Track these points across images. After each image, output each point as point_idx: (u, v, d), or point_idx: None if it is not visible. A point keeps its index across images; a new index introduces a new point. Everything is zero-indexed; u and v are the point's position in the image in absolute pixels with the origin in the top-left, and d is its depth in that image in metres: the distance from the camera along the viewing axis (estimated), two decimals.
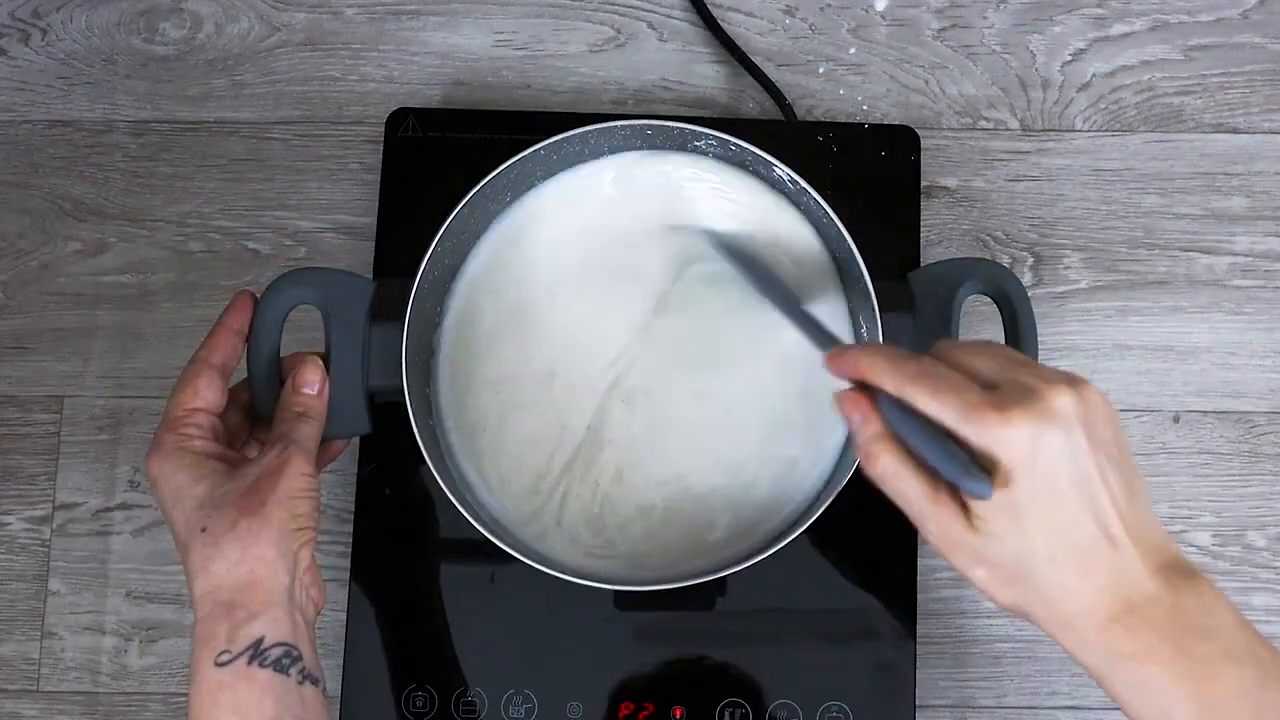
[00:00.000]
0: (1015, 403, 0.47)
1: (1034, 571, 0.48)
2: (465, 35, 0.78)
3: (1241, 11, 0.78)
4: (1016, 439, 0.46)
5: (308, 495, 0.57)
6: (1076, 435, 0.47)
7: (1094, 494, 0.47)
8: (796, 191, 0.65)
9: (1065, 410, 0.47)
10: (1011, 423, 0.46)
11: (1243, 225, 0.75)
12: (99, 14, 0.79)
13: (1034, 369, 0.49)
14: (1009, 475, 0.47)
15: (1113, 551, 0.47)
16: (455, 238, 0.65)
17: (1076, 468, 0.47)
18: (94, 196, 0.76)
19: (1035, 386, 0.47)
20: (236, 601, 0.53)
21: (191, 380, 0.59)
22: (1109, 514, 0.47)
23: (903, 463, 0.49)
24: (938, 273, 0.65)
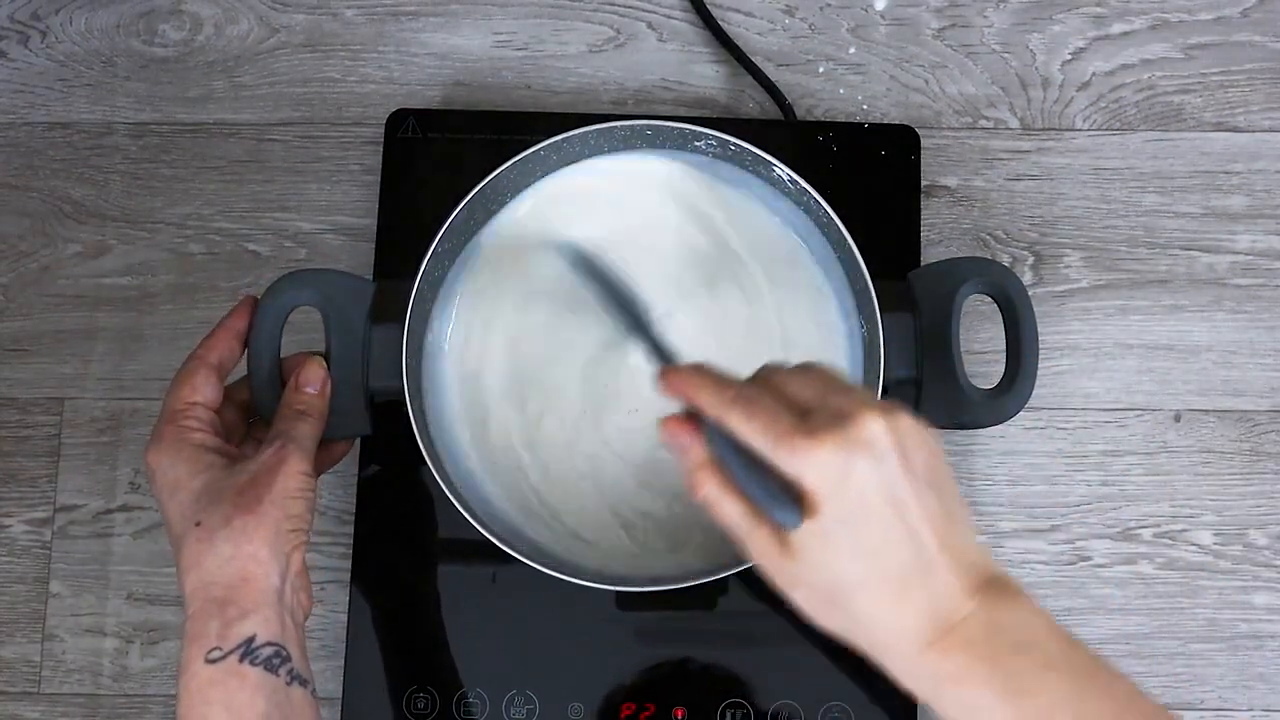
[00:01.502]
0: (825, 429, 0.47)
1: (850, 596, 0.48)
2: (465, 36, 0.78)
3: (1241, 10, 0.78)
4: (825, 465, 0.46)
5: (303, 495, 0.57)
6: (888, 460, 0.47)
7: (907, 518, 0.47)
8: (798, 192, 0.65)
9: (875, 435, 0.47)
10: (820, 449, 0.46)
11: (1243, 224, 0.75)
12: (98, 16, 0.79)
13: (850, 395, 0.49)
14: (817, 502, 0.47)
15: (927, 575, 0.47)
16: (455, 238, 0.65)
17: (887, 492, 0.47)
18: (94, 198, 0.76)
19: (847, 412, 0.47)
20: (229, 599, 0.53)
21: (189, 376, 0.59)
22: (923, 537, 0.47)
23: (724, 489, 0.49)
24: (938, 272, 0.65)
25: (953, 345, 0.63)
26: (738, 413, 0.48)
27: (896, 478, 0.47)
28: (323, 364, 0.62)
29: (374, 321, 0.63)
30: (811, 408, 0.48)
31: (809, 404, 0.49)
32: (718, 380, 0.50)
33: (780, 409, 0.48)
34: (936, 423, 0.65)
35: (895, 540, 0.47)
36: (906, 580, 0.47)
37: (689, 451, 0.50)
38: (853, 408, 0.47)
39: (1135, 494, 0.72)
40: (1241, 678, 0.70)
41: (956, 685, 0.47)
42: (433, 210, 0.64)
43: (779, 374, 0.51)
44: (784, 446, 0.47)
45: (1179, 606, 0.71)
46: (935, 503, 0.48)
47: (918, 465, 0.48)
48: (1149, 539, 0.72)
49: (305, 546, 0.57)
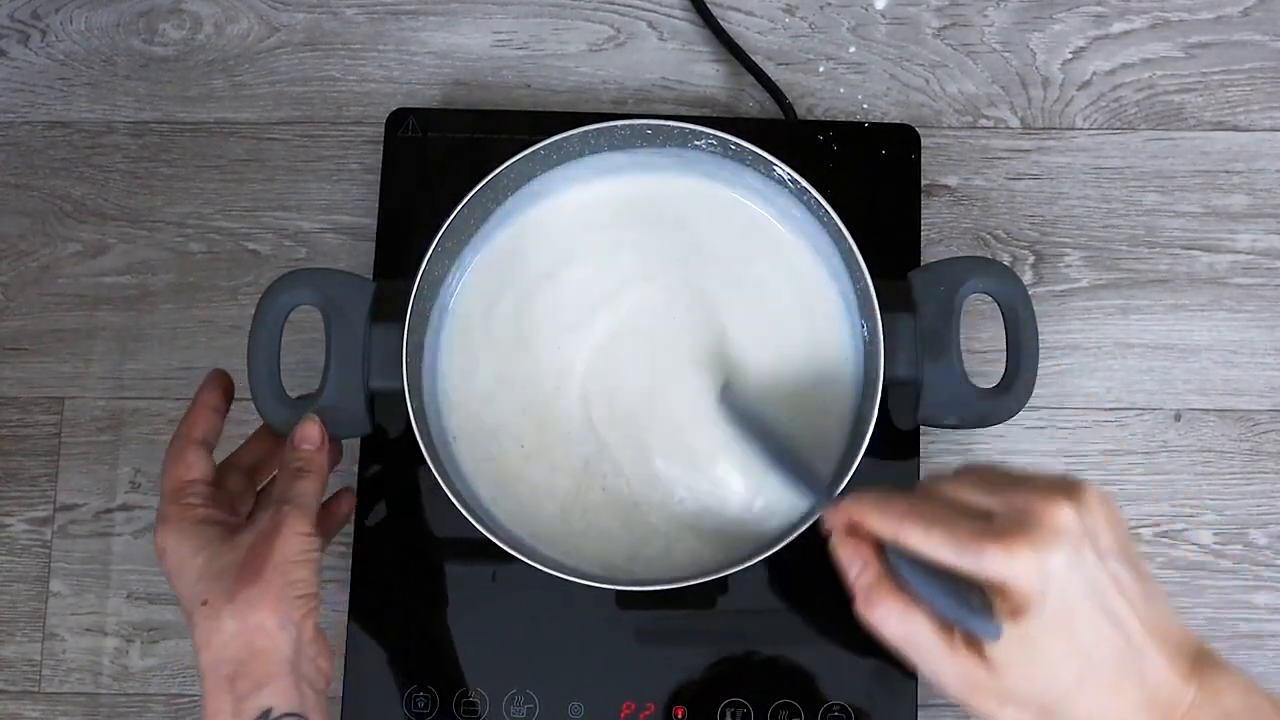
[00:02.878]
0: (1014, 531, 0.45)
1: (1066, 700, 0.46)
2: (465, 35, 0.78)
3: (1242, 9, 0.78)
4: (1022, 569, 0.44)
5: (305, 559, 0.56)
6: (1084, 550, 0.45)
7: (1111, 606, 0.45)
8: (798, 191, 0.65)
9: (1068, 527, 0.45)
10: (1015, 553, 0.44)
11: (1244, 223, 0.75)
12: (98, 15, 0.79)
13: (1026, 487, 0.47)
14: (1021, 608, 0.45)
15: (1140, 661, 0.46)
16: (456, 237, 0.65)
17: (1089, 584, 0.45)
18: (94, 198, 0.76)
19: (1032, 509, 0.45)
20: (239, 673, 0.53)
21: (180, 455, 0.59)
22: (1129, 622, 0.46)
23: (908, 608, 0.47)
24: (939, 271, 0.65)
25: (953, 345, 0.63)
26: (915, 526, 0.46)
27: (1093, 566, 0.45)
28: (319, 421, 0.61)
29: (374, 321, 0.63)
30: (990, 509, 0.46)
31: (986, 506, 0.47)
32: (884, 499, 0.48)
33: (959, 516, 0.46)
34: (937, 422, 0.65)
35: (1103, 632, 0.45)
36: (1121, 670, 0.45)
37: (866, 569, 0.48)
38: (1034, 503, 0.45)
39: (1135, 493, 0.72)
40: None
41: None
42: (433, 209, 0.64)
43: (945, 482, 0.49)
44: (973, 553, 0.45)
45: (1180, 606, 0.71)
46: (1132, 581, 0.46)
47: (1109, 545, 0.46)
48: (1149, 538, 0.72)
49: (316, 612, 0.56)
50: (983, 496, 0.48)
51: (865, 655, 0.68)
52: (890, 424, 0.68)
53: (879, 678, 0.68)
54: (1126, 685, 0.46)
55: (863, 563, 0.48)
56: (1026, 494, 0.46)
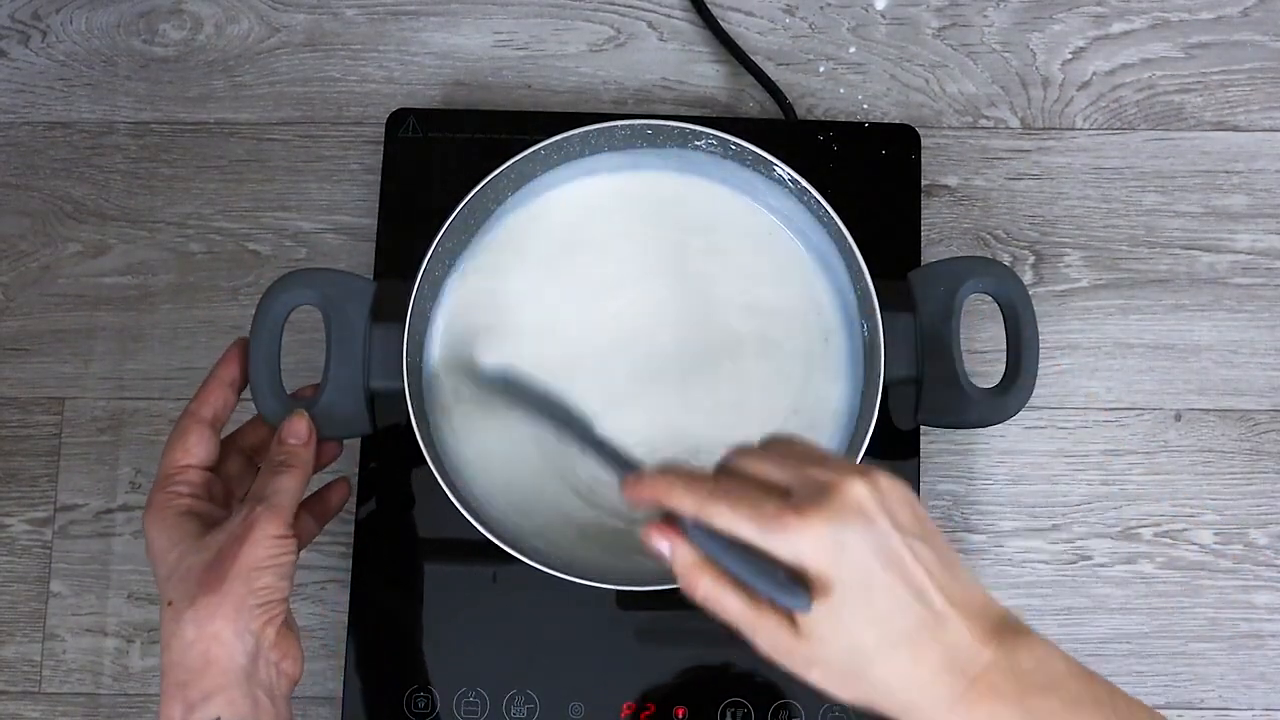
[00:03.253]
0: (810, 504, 0.46)
1: (869, 666, 0.47)
2: (465, 35, 0.78)
3: (1242, 9, 0.78)
4: (819, 540, 0.46)
5: (273, 563, 0.55)
6: (878, 522, 0.47)
7: (909, 576, 0.47)
8: (798, 191, 0.65)
9: (861, 500, 0.47)
10: (810, 525, 0.46)
11: (1244, 223, 0.75)
12: (99, 16, 0.79)
13: (825, 465, 0.49)
14: (822, 580, 0.46)
15: (939, 629, 0.47)
16: (456, 237, 0.65)
17: (884, 553, 0.47)
18: (94, 198, 0.76)
19: (829, 482, 0.47)
20: (189, 682, 0.53)
21: (182, 436, 0.59)
22: (928, 591, 0.47)
23: (720, 584, 0.49)
24: (939, 271, 0.65)
25: (953, 345, 0.63)
26: (719, 506, 0.48)
27: (890, 538, 0.47)
28: (306, 415, 0.60)
29: (374, 321, 0.63)
30: (791, 486, 0.48)
31: (787, 482, 0.48)
32: (688, 478, 0.49)
33: (760, 494, 0.48)
34: (937, 422, 0.65)
35: (902, 600, 0.47)
36: (920, 638, 0.47)
37: (678, 552, 0.49)
38: (831, 477, 0.47)
39: (1136, 493, 0.72)
40: (1242, 677, 0.70)
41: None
42: (433, 209, 0.64)
43: (747, 457, 0.50)
44: (774, 530, 0.46)
45: (1180, 606, 0.71)
46: (930, 555, 0.48)
47: (905, 521, 0.48)
48: (1149, 538, 0.72)
49: (281, 616, 0.56)
50: (782, 473, 0.49)
51: None
52: (890, 424, 0.68)
53: None
54: (926, 650, 0.47)
55: (671, 545, 0.50)
56: (824, 470, 0.48)
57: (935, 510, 0.72)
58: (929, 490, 0.71)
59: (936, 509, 0.72)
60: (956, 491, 0.72)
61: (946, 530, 0.72)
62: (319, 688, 0.70)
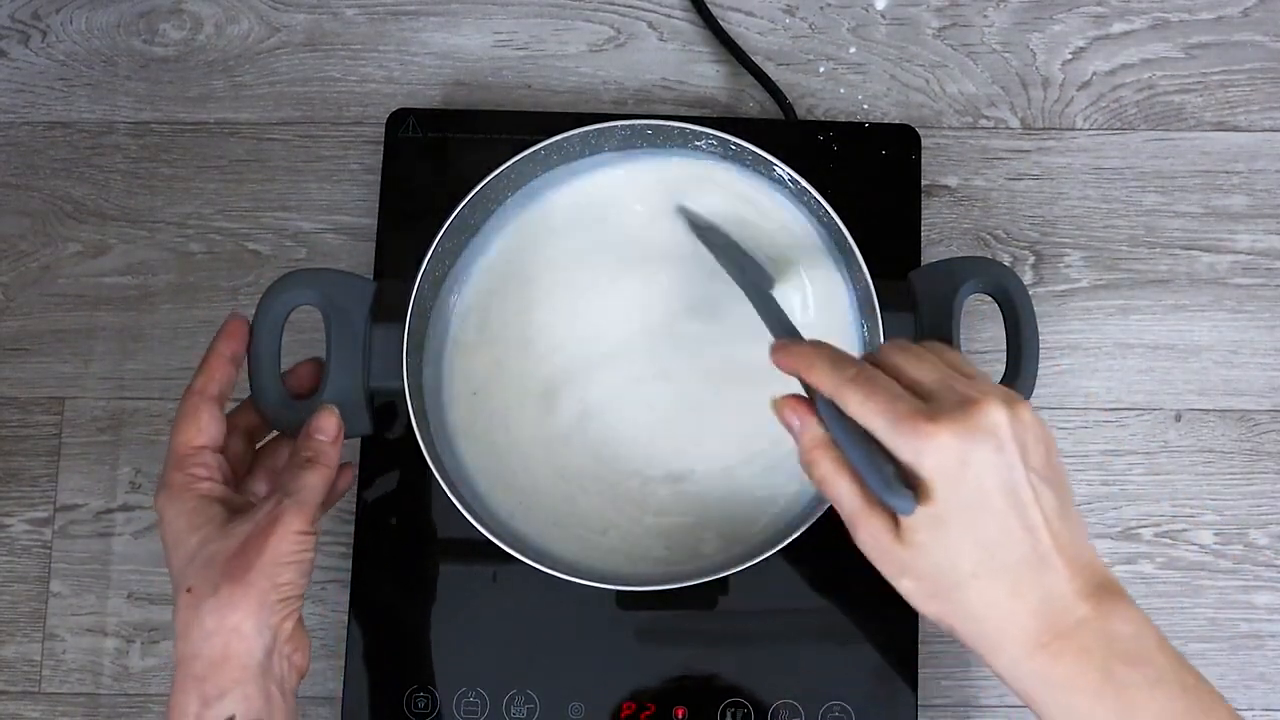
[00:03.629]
0: (946, 414, 0.46)
1: (960, 587, 0.47)
2: (465, 35, 0.78)
3: (1242, 9, 0.78)
4: (944, 451, 0.46)
5: (297, 559, 0.55)
6: (1008, 451, 0.46)
7: (1024, 510, 0.46)
8: (798, 191, 0.65)
9: (998, 425, 0.46)
10: (939, 434, 0.45)
11: (1244, 223, 0.75)
12: (99, 15, 0.79)
13: (974, 382, 0.48)
14: (933, 489, 0.46)
15: (1042, 571, 0.47)
16: (456, 238, 0.65)
17: (1006, 483, 0.46)
18: (94, 198, 0.76)
19: (971, 399, 0.46)
20: (207, 675, 0.53)
21: (193, 415, 0.58)
22: (1040, 531, 0.46)
23: (838, 469, 0.49)
24: (939, 271, 0.65)
25: (953, 345, 0.63)
26: (856, 392, 0.47)
27: (1016, 470, 0.46)
28: (336, 412, 0.61)
29: (374, 321, 0.63)
30: (933, 392, 0.47)
31: (930, 388, 0.48)
32: (836, 357, 0.49)
33: (900, 391, 0.47)
34: None
35: (1012, 533, 0.46)
36: (1020, 576, 0.46)
37: (805, 429, 0.50)
38: (975, 395, 0.47)
39: (1136, 493, 0.72)
40: (1242, 677, 0.70)
41: (1065, 692, 0.47)
42: (433, 210, 0.64)
43: (899, 353, 0.50)
44: (903, 430, 0.46)
45: (1179, 606, 0.71)
46: (1052, 499, 0.47)
47: (1036, 460, 0.47)
48: (1149, 538, 0.72)
49: (298, 613, 0.56)
50: (931, 377, 0.48)
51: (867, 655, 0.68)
52: None
53: (879, 678, 0.68)
54: (1024, 588, 0.47)
55: (800, 420, 0.50)
56: (971, 386, 0.48)
57: None
58: None
59: None
60: None
61: None
62: (319, 688, 0.70)
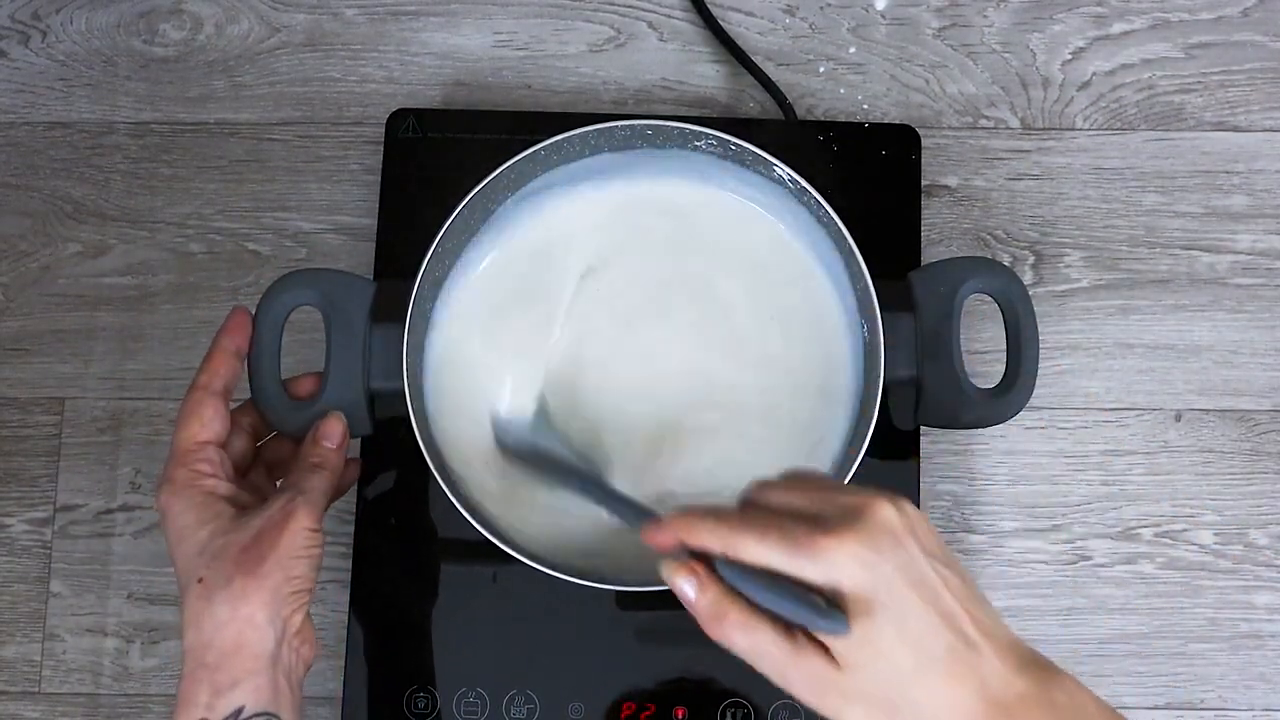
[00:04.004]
0: (841, 525, 0.46)
1: (907, 690, 0.47)
2: (465, 36, 0.78)
3: (1242, 10, 0.78)
4: (854, 560, 0.46)
5: (308, 554, 0.56)
6: (909, 546, 0.47)
7: (938, 598, 0.47)
8: (798, 192, 0.65)
9: (890, 521, 0.47)
10: (842, 545, 0.46)
11: (1244, 223, 0.75)
12: (99, 16, 0.79)
13: (847, 491, 0.49)
14: (856, 600, 0.46)
15: (972, 653, 0.47)
16: (456, 237, 0.65)
17: (918, 579, 0.47)
18: (94, 198, 0.76)
19: (856, 505, 0.47)
20: (220, 665, 0.53)
21: (197, 410, 0.58)
22: (958, 615, 0.47)
23: (754, 619, 0.48)
24: (939, 271, 0.65)
25: (953, 345, 0.63)
26: (747, 537, 0.47)
27: (921, 563, 0.47)
28: (342, 419, 0.61)
29: (374, 321, 0.63)
30: (816, 513, 0.48)
31: (812, 510, 0.48)
32: (713, 514, 0.49)
33: (787, 521, 0.48)
34: (937, 422, 0.65)
35: (934, 623, 0.47)
36: (954, 662, 0.47)
37: (705, 588, 0.49)
38: (859, 501, 0.47)
39: (1136, 493, 0.72)
40: (1242, 677, 0.70)
41: None
42: (433, 210, 0.64)
43: (767, 491, 0.51)
44: (807, 553, 0.46)
45: (1179, 606, 0.71)
46: (958, 582, 0.48)
47: (932, 546, 0.48)
48: (1149, 539, 0.72)
49: (307, 607, 0.56)
50: (807, 501, 0.49)
51: None
52: (890, 424, 0.68)
53: None
54: (961, 675, 0.47)
55: (698, 582, 0.49)
56: (849, 495, 0.49)
57: (935, 510, 0.72)
58: (929, 490, 0.71)
59: (936, 509, 0.72)
60: (956, 492, 0.72)
61: (945, 531, 0.72)
62: (319, 688, 0.70)
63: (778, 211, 0.68)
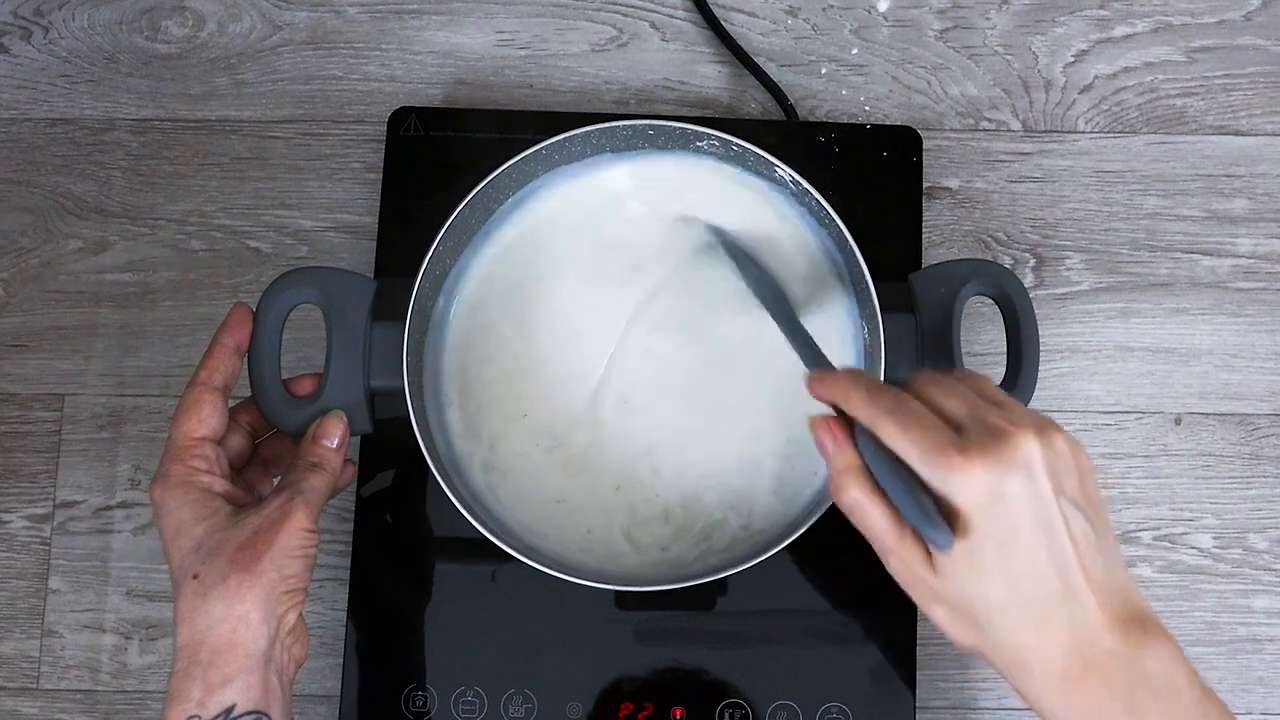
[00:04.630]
0: (978, 447, 0.46)
1: (991, 618, 0.47)
2: (467, 34, 0.78)
3: (1244, 13, 0.78)
4: (976, 485, 0.46)
5: (303, 553, 0.56)
6: (1039, 482, 0.46)
7: (1056, 542, 0.46)
8: (800, 193, 0.65)
9: (1030, 456, 0.46)
10: (971, 468, 0.46)
11: (1245, 227, 0.75)
12: (101, 12, 0.79)
13: (1006, 411, 0.48)
14: (968, 522, 0.46)
15: (1071, 604, 0.47)
16: (457, 237, 0.65)
17: (1038, 515, 0.46)
18: (96, 194, 0.76)
19: (1003, 430, 0.46)
20: (213, 662, 0.53)
21: (195, 406, 0.58)
22: (1070, 563, 0.47)
23: (870, 497, 0.49)
24: (939, 273, 0.64)
25: (953, 347, 0.63)
26: (892, 422, 0.47)
27: (1048, 501, 0.46)
28: (344, 420, 0.61)
29: (375, 320, 0.63)
30: (965, 423, 0.47)
31: (962, 419, 0.48)
32: (872, 387, 0.49)
33: (934, 422, 0.47)
34: None
35: (1042, 565, 0.46)
36: (1050, 607, 0.46)
37: (839, 453, 0.49)
38: (1008, 426, 0.47)
39: (1135, 496, 0.72)
40: (1241, 681, 0.70)
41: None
42: (435, 208, 0.64)
43: (933, 385, 0.50)
44: (936, 462, 0.46)
45: (1178, 609, 0.71)
46: (1085, 528, 0.47)
47: (1070, 488, 0.47)
48: (1148, 542, 0.72)
49: (301, 605, 0.56)
50: (963, 409, 0.48)
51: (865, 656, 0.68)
52: None
53: (877, 679, 0.68)
54: (1051, 620, 0.47)
55: (836, 444, 0.50)
56: (1003, 416, 0.48)
57: None
58: None
59: None
60: None
61: None
62: (317, 686, 0.70)
63: (778, 212, 0.68)
